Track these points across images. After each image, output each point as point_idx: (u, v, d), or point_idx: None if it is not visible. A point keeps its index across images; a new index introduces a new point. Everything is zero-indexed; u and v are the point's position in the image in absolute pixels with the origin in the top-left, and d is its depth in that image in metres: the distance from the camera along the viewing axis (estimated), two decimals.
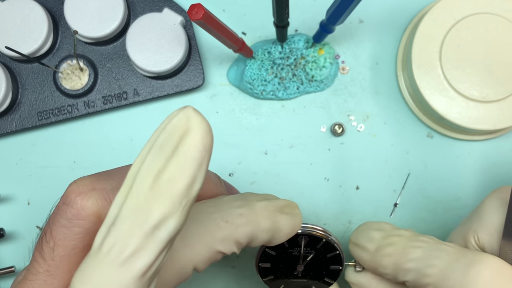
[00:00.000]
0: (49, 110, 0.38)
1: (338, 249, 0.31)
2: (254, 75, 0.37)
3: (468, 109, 0.35)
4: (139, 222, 0.17)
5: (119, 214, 0.17)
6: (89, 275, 0.18)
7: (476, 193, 0.38)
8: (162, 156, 0.17)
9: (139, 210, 0.17)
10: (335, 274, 0.32)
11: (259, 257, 0.31)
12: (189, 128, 0.17)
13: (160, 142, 0.17)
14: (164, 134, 0.17)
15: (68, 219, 0.22)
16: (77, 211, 0.22)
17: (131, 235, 0.17)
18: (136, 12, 0.37)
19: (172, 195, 0.17)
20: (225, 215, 0.24)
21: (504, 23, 0.34)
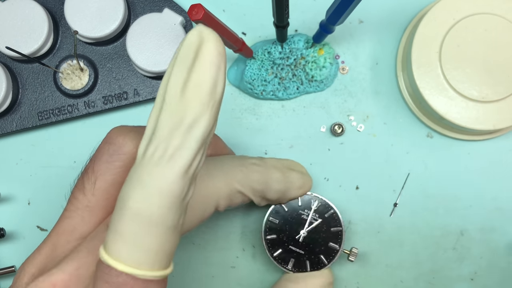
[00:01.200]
0: (50, 110, 0.38)
1: (341, 226, 0.35)
2: (254, 75, 0.37)
3: (467, 109, 0.35)
4: (176, 125, 0.20)
5: (158, 124, 0.20)
6: (138, 179, 0.20)
7: (476, 193, 0.38)
8: (184, 67, 0.20)
9: (174, 116, 0.20)
10: (331, 254, 0.35)
11: (271, 211, 0.35)
12: (202, 39, 0.20)
13: (181, 57, 0.20)
14: (182, 49, 0.20)
15: (109, 155, 0.25)
16: (118, 147, 0.25)
17: (171, 137, 0.20)
18: (136, 12, 0.38)
19: (200, 97, 0.20)
20: (243, 163, 0.29)
21: (504, 23, 0.35)
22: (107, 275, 0.20)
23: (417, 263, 0.38)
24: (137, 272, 0.20)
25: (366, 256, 0.38)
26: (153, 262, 0.20)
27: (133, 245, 0.20)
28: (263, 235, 0.35)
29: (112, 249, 0.20)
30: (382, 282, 0.38)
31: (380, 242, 0.38)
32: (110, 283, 0.20)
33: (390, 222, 0.38)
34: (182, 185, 0.20)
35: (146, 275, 0.20)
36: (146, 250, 0.20)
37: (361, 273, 0.38)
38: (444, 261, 0.38)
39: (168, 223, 0.20)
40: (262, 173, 0.30)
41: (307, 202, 0.35)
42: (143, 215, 0.20)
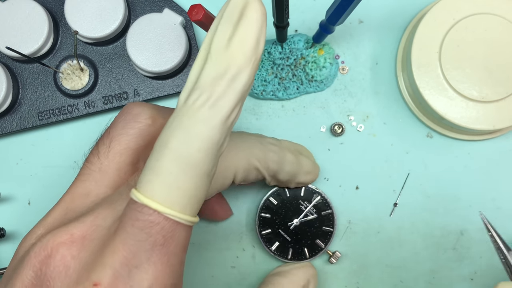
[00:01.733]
0: (50, 110, 0.38)
1: (334, 228, 0.36)
2: None
3: (467, 109, 0.35)
4: (220, 75, 0.20)
5: (202, 73, 0.21)
6: (180, 123, 0.21)
7: (475, 193, 0.38)
8: (230, 23, 0.21)
9: (218, 66, 0.21)
10: (315, 250, 0.36)
11: (273, 191, 0.36)
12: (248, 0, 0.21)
13: (227, 13, 0.21)
14: (229, 7, 0.21)
15: (126, 122, 0.26)
16: (135, 115, 0.26)
17: (215, 85, 0.20)
18: (136, 12, 0.38)
19: (244, 51, 0.21)
20: (262, 141, 0.31)
21: (504, 23, 0.35)
22: (139, 213, 0.20)
23: (417, 263, 0.38)
24: (170, 212, 0.20)
25: (366, 256, 0.38)
26: (185, 205, 0.21)
27: (169, 185, 0.20)
28: (258, 211, 0.36)
29: (146, 188, 0.20)
30: (382, 282, 0.38)
31: (380, 242, 0.38)
32: (140, 221, 0.20)
33: (390, 222, 0.38)
34: (221, 133, 0.21)
35: (179, 217, 0.20)
36: (182, 191, 0.20)
37: (361, 273, 0.38)
38: (444, 261, 0.38)
39: (204, 168, 0.21)
40: (278, 153, 0.31)
41: (309, 194, 0.36)
42: (182, 157, 0.20)
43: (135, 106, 0.26)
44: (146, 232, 0.20)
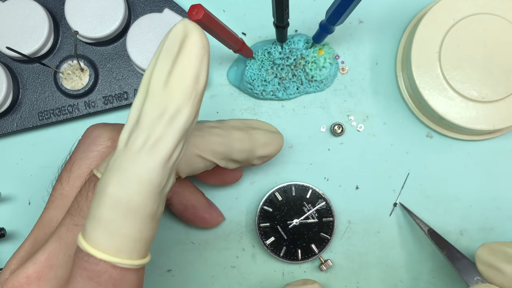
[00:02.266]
0: (50, 110, 0.38)
1: (331, 236, 0.36)
2: (254, 75, 0.37)
3: (467, 109, 0.35)
4: (158, 115, 0.20)
5: (141, 113, 0.20)
6: (119, 166, 0.20)
7: (475, 193, 0.38)
8: (169, 58, 0.20)
9: (157, 105, 0.20)
10: (308, 254, 0.37)
11: (280, 188, 0.37)
12: (187, 32, 0.20)
13: (166, 47, 0.20)
14: (168, 41, 0.20)
15: (86, 145, 0.26)
16: (94, 138, 0.26)
17: (154, 126, 0.20)
18: (136, 12, 0.38)
19: (183, 88, 0.20)
20: (199, 127, 0.28)
21: (504, 24, 0.35)
22: (86, 262, 0.20)
23: (417, 263, 0.38)
24: (116, 260, 0.20)
25: (366, 256, 0.38)
26: (131, 251, 0.20)
27: (111, 233, 0.20)
28: (261, 204, 0.37)
29: (91, 236, 0.20)
30: (382, 282, 0.38)
31: (380, 242, 0.38)
32: (88, 270, 0.20)
33: (390, 222, 0.38)
34: (162, 175, 0.20)
35: (125, 263, 0.20)
36: (125, 237, 0.20)
37: (361, 273, 0.38)
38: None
39: (147, 211, 0.20)
40: (222, 134, 0.28)
41: (315, 198, 0.37)
42: (122, 202, 0.20)
43: (94, 129, 0.26)
44: (96, 281, 0.20)
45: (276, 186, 0.37)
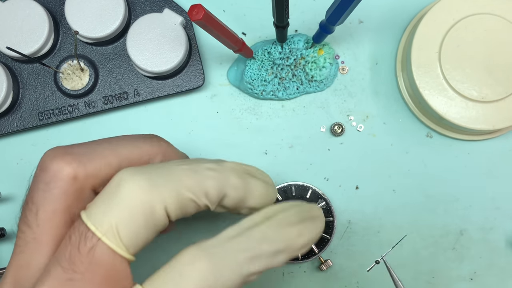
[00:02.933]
0: (50, 110, 0.38)
1: (331, 235, 0.36)
2: (254, 75, 0.37)
3: (467, 109, 0.35)
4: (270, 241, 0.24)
5: (257, 229, 0.24)
6: (217, 253, 0.23)
7: (475, 193, 0.38)
8: (299, 216, 0.25)
9: (274, 237, 0.24)
10: (308, 254, 0.36)
11: (279, 188, 0.36)
12: (320, 216, 0.26)
13: (302, 209, 0.26)
14: (307, 207, 0.26)
15: (46, 183, 0.24)
16: (54, 174, 0.24)
17: (260, 247, 0.24)
18: (136, 12, 0.38)
19: (295, 244, 0.24)
20: (195, 168, 0.25)
21: (504, 24, 0.35)
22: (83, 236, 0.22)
23: (416, 263, 0.38)
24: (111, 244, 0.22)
25: (366, 256, 0.38)
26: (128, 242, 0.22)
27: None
28: None
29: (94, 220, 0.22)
30: (382, 282, 0.38)
31: (380, 242, 0.38)
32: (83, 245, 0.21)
33: (390, 222, 0.38)
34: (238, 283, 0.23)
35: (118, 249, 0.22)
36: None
37: (361, 273, 0.38)
38: (444, 261, 0.38)
39: None
40: (218, 178, 0.26)
41: (315, 198, 0.37)
42: None
43: (52, 161, 0.24)
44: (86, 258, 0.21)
45: (276, 186, 0.37)
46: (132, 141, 0.26)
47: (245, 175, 0.27)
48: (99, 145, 0.25)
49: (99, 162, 0.24)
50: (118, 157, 0.25)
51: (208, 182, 0.25)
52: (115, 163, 0.25)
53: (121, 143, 0.26)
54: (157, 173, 0.24)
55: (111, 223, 0.22)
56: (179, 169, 0.25)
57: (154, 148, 0.27)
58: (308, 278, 0.38)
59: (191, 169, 0.25)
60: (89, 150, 0.25)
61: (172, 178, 0.24)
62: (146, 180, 0.23)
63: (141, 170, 0.24)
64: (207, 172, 0.25)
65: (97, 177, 0.24)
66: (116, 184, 0.23)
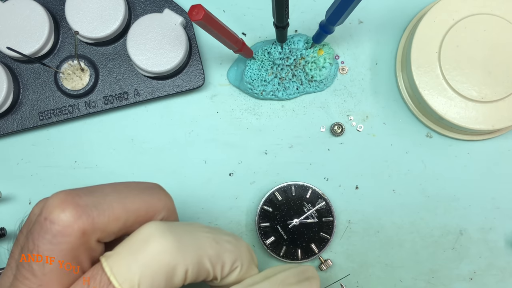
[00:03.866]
0: (50, 110, 0.38)
1: (331, 235, 0.37)
2: (254, 75, 0.37)
3: (467, 109, 0.35)
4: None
5: None
6: None
7: (475, 193, 0.38)
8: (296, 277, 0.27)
9: None
10: (309, 253, 0.37)
11: (279, 188, 0.37)
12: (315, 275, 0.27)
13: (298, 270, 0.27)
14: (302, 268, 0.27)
15: (53, 236, 0.23)
16: (63, 228, 0.22)
17: None
18: (136, 12, 0.38)
19: None
20: (217, 237, 0.26)
21: (503, 24, 0.35)
22: None
23: (416, 263, 0.38)
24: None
25: (366, 256, 0.38)
26: None
27: None
28: (261, 204, 0.37)
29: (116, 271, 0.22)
30: (382, 282, 0.38)
31: (379, 242, 0.38)
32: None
33: (389, 222, 0.38)
34: None
35: None
36: None
37: (361, 273, 0.38)
38: (444, 261, 0.38)
39: None
40: (234, 253, 0.26)
41: (315, 198, 0.37)
42: None
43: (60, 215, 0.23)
44: None
45: (276, 186, 0.37)
46: (139, 194, 0.26)
47: (252, 256, 0.28)
48: (108, 196, 0.24)
49: (107, 216, 0.24)
50: (126, 211, 0.24)
51: (226, 255, 0.26)
52: (123, 217, 0.24)
53: (129, 195, 0.25)
54: (184, 235, 0.24)
55: (133, 280, 0.22)
56: (204, 237, 0.25)
57: (161, 202, 0.26)
58: None
59: (214, 239, 0.26)
60: (98, 201, 0.24)
61: (197, 244, 0.25)
62: (175, 242, 0.23)
63: (170, 229, 0.24)
64: (227, 244, 0.26)
65: (104, 231, 0.24)
66: (145, 239, 0.23)
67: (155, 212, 0.26)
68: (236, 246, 0.27)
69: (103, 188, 0.25)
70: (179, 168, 0.38)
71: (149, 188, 0.26)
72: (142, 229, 0.23)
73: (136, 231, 0.23)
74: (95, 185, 0.25)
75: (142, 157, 0.38)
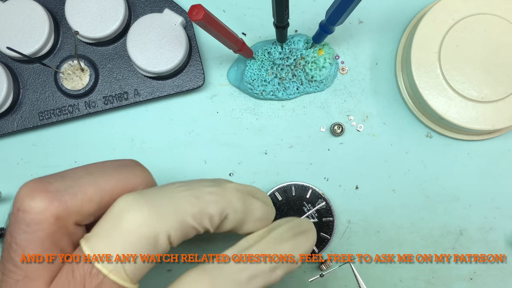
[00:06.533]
0: (50, 110, 0.38)
1: (331, 236, 0.37)
2: (254, 75, 0.37)
3: (467, 109, 0.35)
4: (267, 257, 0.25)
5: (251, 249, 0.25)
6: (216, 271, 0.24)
7: (475, 193, 0.38)
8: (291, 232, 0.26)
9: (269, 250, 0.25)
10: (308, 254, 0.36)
11: (279, 187, 0.37)
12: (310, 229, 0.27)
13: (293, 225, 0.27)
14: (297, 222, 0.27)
15: (27, 225, 0.22)
16: (35, 216, 0.22)
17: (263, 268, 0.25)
18: (136, 12, 0.38)
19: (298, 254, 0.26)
20: (196, 192, 0.25)
21: (503, 24, 0.35)
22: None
23: (417, 263, 0.38)
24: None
25: (366, 256, 0.38)
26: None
27: None
28: None
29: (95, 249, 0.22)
30: (382, 282, 0.38)
31: (380, 242, 0.38)
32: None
33: (390, 222, 0.38)
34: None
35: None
36: None
37: (361, 273, 0.38)
38: (444, 261, 0.38)
39: None
40: (220, 202, 0.25)
41: (315, 198, 0.37)
42: None
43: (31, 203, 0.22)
44: None
45: (276, 186, 0.37)
46: (113, 172, 0.25)
47: (247, 196, 0.27)
48: (80, 178, 0.24)
49: (80, 199, 0.23)
50: (100, 191, 0.24)
51: (210, 208, 0.25)
52: (97, 198, 0.24)
53: (103, 175, 0.24)
54: (159, 200, 0.23)
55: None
56: (181, 196, 0.24)
57: (137, 178, 0.26)
58: (308, 278, 0.38)
59: (193, 195, 0.24)
60: (69, 185, 0.23)
61: (175, 206, 0.23)
62: (149, 211, 0.22)
63: (143, 197, 0.23)
64: (209, 196, 0.25)
65: (80, 214, 0.23)
66: (118, 215, 0.22)
67: (131, 188, 0.25)
68: (220, 195, 0.25)
69: (75, 171, 0.25)
70: (179, 168, 0.38)
71: (124, 166, 0.26)
72: (114, 205, 0.23)
73: (109, 209, 0.23)
74: (67, 170, 0.25)
75: (142, 157, 0.38)
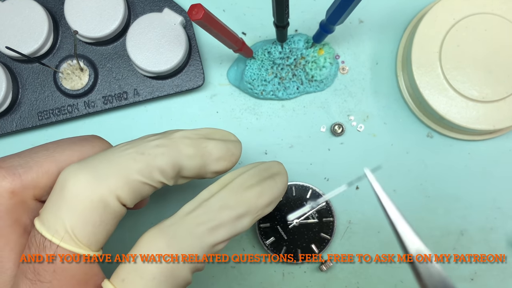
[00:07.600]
0: (50, 110, 0.38)
1: (331, 236, 0.37)
2: (254, 75, 0.37)
3: (467, 109, 0.35)
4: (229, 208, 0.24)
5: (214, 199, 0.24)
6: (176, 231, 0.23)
7: (476, 193, 0.38)
8: (258, 177, 0.25)
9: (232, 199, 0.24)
10: (308, 252, 0.36)
11: None
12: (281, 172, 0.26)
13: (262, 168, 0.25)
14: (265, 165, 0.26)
15: None
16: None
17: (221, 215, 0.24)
18: (136, 12, 0.38)
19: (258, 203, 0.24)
20: (141, 150, 0.24)
21: (504, 23, 0.35)
22: None
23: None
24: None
25: (367, 256, 0.38)
26: None
27: None
28: None
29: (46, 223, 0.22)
30: (382, 282, 0.38)
31: (380, 242, 0.38)
32: None
33: None
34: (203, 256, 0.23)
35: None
36: None
37: (361, 273, 0.38)
38: (444, 261, 0.38)
39: None
40: (168, 153, 0.24)
41: (316, 198, 0.36)
42: None
43: None
44: None
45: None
46: (70, 144, 0.25)
47: (199, 140, 0.25)
48: (36, 153, 0.24)
49: (35, 172, 0.23)
50: (56, 163, 0.24)
51: (158, 160, 0.24)
52: (53, 170, 0.24)
53: (59, 148, 0.25)
54: (100, 163, 0.23)
55: (65, 227, 0.21)
56: (125, 154, 0.23)
57: (95, 149, 0.26)
58: (308, 278, 0.38)
59: (137, 151, 0.23)
60: (24, 160, 0.24)
61: (117, 165, 0.23)
62: (90, 175, 0.22)
63: (84, 164, 0.23)
64: (155, 149, 0.24)
65: (37, 187, 0.23)
66: (61, 185, 0.22)
67: None
68: (168, 146, 0.24)
69: (32, 149, 0.25)
70: None
71: (82, 139, 0.26)
72: (59, 176, 0.23)
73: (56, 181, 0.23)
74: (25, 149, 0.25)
75: None
